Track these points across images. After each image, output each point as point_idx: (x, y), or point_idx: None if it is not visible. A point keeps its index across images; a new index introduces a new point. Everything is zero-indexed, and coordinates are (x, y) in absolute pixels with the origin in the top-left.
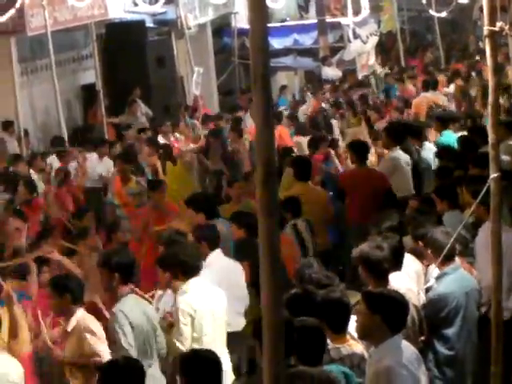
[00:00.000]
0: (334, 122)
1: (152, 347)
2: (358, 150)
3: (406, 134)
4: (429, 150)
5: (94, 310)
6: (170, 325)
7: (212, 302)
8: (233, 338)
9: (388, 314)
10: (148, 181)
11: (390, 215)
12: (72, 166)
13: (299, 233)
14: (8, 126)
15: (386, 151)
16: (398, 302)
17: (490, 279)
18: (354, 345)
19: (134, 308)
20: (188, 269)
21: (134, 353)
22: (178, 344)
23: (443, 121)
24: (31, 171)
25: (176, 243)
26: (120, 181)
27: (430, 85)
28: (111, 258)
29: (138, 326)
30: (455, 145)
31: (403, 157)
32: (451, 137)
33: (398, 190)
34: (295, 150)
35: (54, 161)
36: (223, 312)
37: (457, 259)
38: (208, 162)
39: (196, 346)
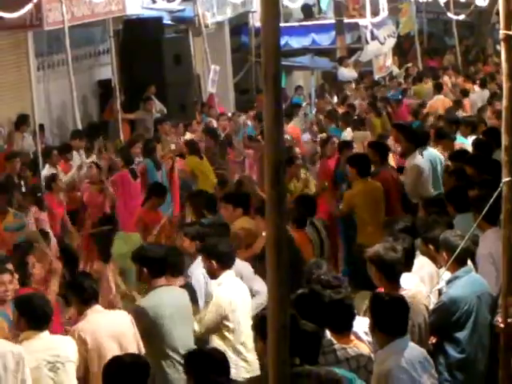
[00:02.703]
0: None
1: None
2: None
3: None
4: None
5: None
6: None
7: (243, 295)
8: None
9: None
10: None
11: (403, 217)
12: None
13: (319, 231)
14: (23, 120)
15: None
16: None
17: (493, 288)
18: (360, 345)
19: (159, 301)
20: (225, 260)
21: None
22: (195, 325)
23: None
24: (46, 166)
25: (215, 235)
26: None
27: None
28: (143, 253)
29: (165, 318)
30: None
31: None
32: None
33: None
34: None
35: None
36: (250, 305)
37: (469, 262)
38: None
39: (231, 337)
